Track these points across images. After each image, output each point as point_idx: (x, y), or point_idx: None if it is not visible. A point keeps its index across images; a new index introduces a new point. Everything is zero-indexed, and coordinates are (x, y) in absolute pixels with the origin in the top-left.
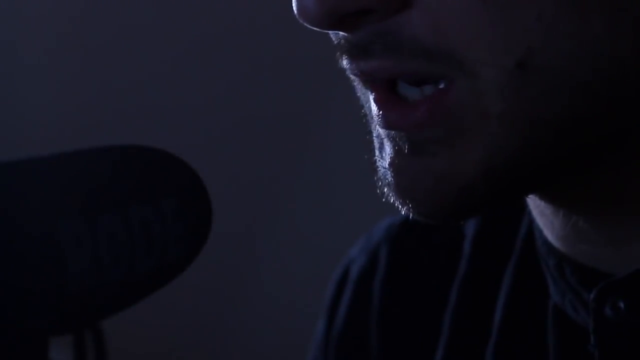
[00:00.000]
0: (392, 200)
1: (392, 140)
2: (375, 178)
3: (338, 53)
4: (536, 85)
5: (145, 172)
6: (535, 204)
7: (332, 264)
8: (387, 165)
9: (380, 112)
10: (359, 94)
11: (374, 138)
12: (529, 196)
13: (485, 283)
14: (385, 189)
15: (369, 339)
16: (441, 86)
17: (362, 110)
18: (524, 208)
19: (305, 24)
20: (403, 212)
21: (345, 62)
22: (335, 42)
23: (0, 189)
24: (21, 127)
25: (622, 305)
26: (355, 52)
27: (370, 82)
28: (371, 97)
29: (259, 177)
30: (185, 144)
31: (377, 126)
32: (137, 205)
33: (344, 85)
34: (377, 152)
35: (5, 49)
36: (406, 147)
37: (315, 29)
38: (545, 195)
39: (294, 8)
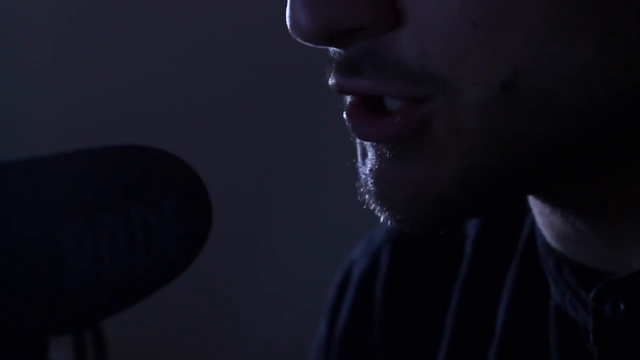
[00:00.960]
0: (372, 207)
1: (374, 147)
2: (357, 184)
3: (328, 69)
4: (520, 105)
5: (145, 172)
6: (534, 203)
7: (332, 264)
8: (367, 172)
9: (351, 125)
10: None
11: (357, 144)
12: (530, 196)
13: (487, 284)
14: (366, 196)
15: (372, 341)
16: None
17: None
18: (527, 208)
19: (298, 40)
20: (382, 220)
21: (331, 79)
22: (331, 54)
23: (0, 189)
24: (21, 127)
25: (622, 305)
26: (343, 68)
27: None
28: (344, 112)
29: (259, 177)
30: (185, 144)
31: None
32: (137, 205)
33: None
34: (359, 159)
35: (5, 48)
36: (387, 154)
37: (307, 44)
38: (542, 196)
39: (287, 23)
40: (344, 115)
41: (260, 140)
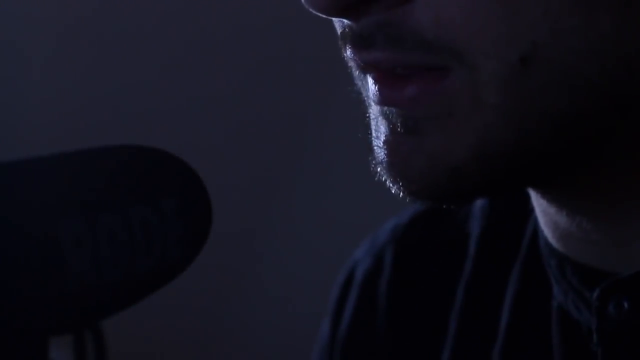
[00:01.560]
0: (383, 179)
1: (387, 118)
2: (370, 158)
3: (341, 42)
4: (538, 79)
5: (145, 172)
6: (538, 203)
7: (332, 264)
8: (381, 144)
9: (377, 88)
10: (356, 81)
11: (371, 120)
12: (533, 196)
13: (491, 284)
14: (379, 168)
15: (375, 341)
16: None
17: (362, 98)
18: (530, 208)
19: (312, 11)
20: (394, 191)
21: (348, 52)
22: (340, 30)
23: (0, 189)
24: (21, 127)
25: (626, 304)
26: (358, 41)
27: (370, 69)
28: (369, 78)
29: (259, 177)
30: (185, 144)
31: (373, 103)
32: (137, 205)
33: (344, 85)
34: (373, 133)
35: (5, 48)
36: (399, 125)
37: (321, 15)
38: (548, 194)
39: None
40: (369, 85)
41: (260, 140)
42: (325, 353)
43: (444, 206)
